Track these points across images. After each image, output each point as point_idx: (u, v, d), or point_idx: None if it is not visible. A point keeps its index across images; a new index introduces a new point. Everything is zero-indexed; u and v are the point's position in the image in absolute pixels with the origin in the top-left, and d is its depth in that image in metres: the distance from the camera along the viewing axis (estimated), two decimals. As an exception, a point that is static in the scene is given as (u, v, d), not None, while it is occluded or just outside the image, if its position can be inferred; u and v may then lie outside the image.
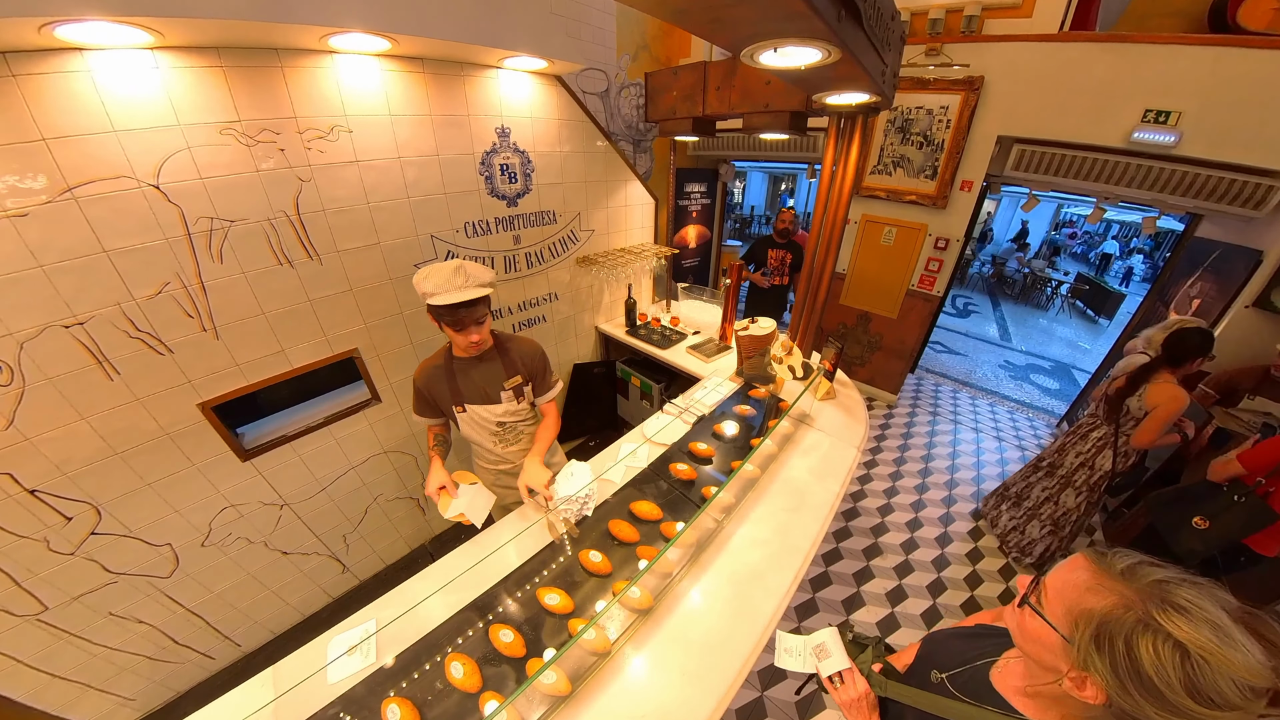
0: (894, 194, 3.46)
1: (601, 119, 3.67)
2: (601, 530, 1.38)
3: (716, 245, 5.83)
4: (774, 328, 2.31)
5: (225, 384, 1.64)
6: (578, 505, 1.38)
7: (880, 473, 3.34)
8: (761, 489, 1.62)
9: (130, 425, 1.49)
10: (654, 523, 1.40)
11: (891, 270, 3.70)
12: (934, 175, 3.25)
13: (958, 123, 3.04)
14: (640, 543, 1.33)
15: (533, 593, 1.18)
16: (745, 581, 1.29)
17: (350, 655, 1.10)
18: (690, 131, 2.50)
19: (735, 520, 1.49)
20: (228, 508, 1.80)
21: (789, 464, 1.76)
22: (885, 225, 3.62)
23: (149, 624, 1.74)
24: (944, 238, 3.38)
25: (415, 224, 1.97)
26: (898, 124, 3.28)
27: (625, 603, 1.14)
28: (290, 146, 1.53)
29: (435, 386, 1.52)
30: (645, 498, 1.49)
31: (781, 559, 1.35)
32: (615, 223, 2.93)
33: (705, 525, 1.43)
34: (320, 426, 1.95)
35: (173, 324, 1.47)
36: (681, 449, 1.77)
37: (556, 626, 1.12)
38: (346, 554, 2.29)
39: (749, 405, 2.09)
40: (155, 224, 1.36)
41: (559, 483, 1.41)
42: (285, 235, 1.62)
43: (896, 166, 3.39)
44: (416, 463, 2.40)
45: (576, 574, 1.26)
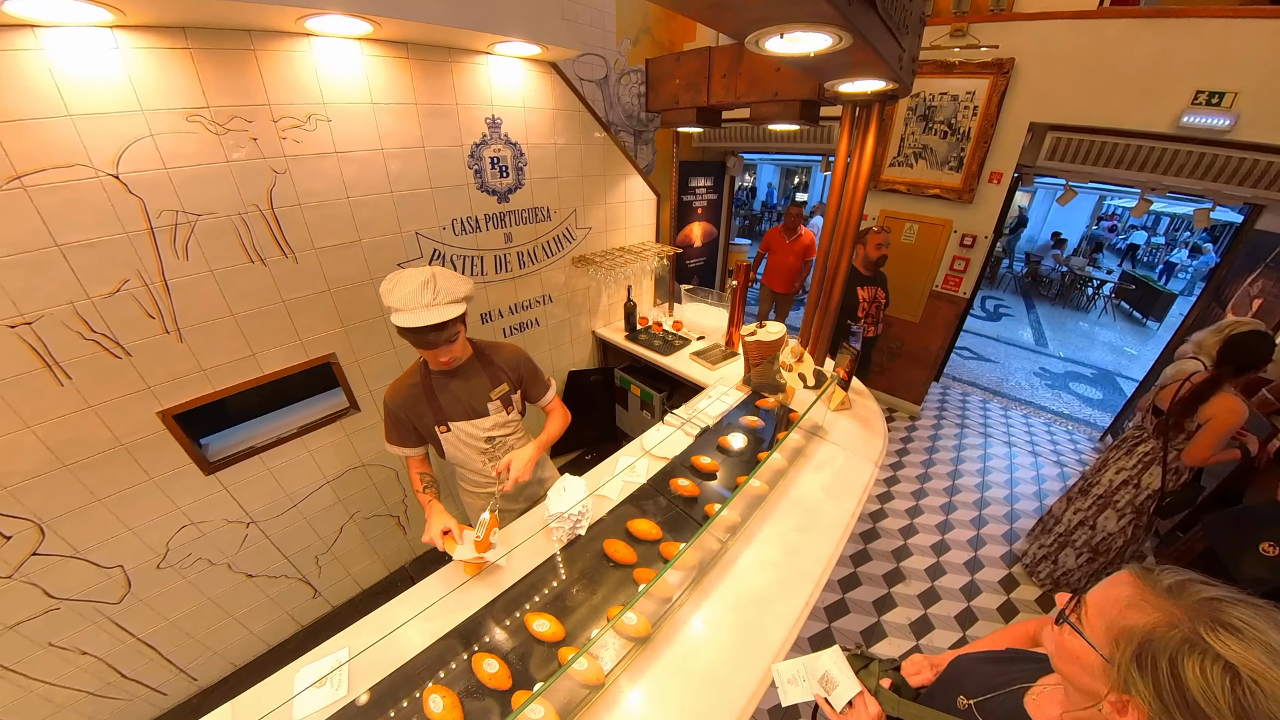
0: (915, 188, 3.48)
1: (600, 108, 3.71)
2: (596, 551, 1.37)
3: (723, 244, 5.86)
4: (783, 332, 2.31)
5: (189, 390, 1.64)
6: (570, 523, 1.37)
7: (902, 490, 3.31)
8: (770, 507, 1.61)
9: (81, 435, 1.48)
10: (653, 543, 1.39)
11: (913, 270, 3.70)
12: (959, 167, 3.26)
13: (986, 109, 3.04)
14: (638, 564, 1.32)
15: (521, 619, 1.16)
16: (752, 608, 1.27)
17: (319, 687, 1.09)
18: (694, 122, 2.53)
19: (741, 541, 1.48)
20: (188, 526, 1.79)
21: (800, 480, 1.75)
22: (906, 221, 3.63)
23: (94, 655, 1.71)
24: (971, 235, 3.38)
25: (399, 220, 1.98)
26: (919, 112, 3.29)
27: (621, 630, 1.13)
28: (263, 136, 1.55)
29: (413, 407, 1.46)
30: (644, 516, 1.48)
31: (791, 584, 1.34)
32: (614, 220, 2.95)
33: (708, 546, 1.42)
34: (293, 437, 1.95)
35: (132, 325, 1.47)
36: (684, 463, 1.76)
37: (546, 656, 1.10)
38: (318, 577, 2.27)
39: (757, 416, 2.08)
40: (114, 216, 1.36)
41: (550, 498, 1.40)
42: (258, 231, 1.63)
43: (918, 158, 3.40)
44: (398, 476, 2.40)
45: (569, 598, 1.25)
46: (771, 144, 4.39)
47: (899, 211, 3.65)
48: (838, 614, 2.44)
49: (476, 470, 1.64)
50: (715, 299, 3.58)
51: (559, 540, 1.40)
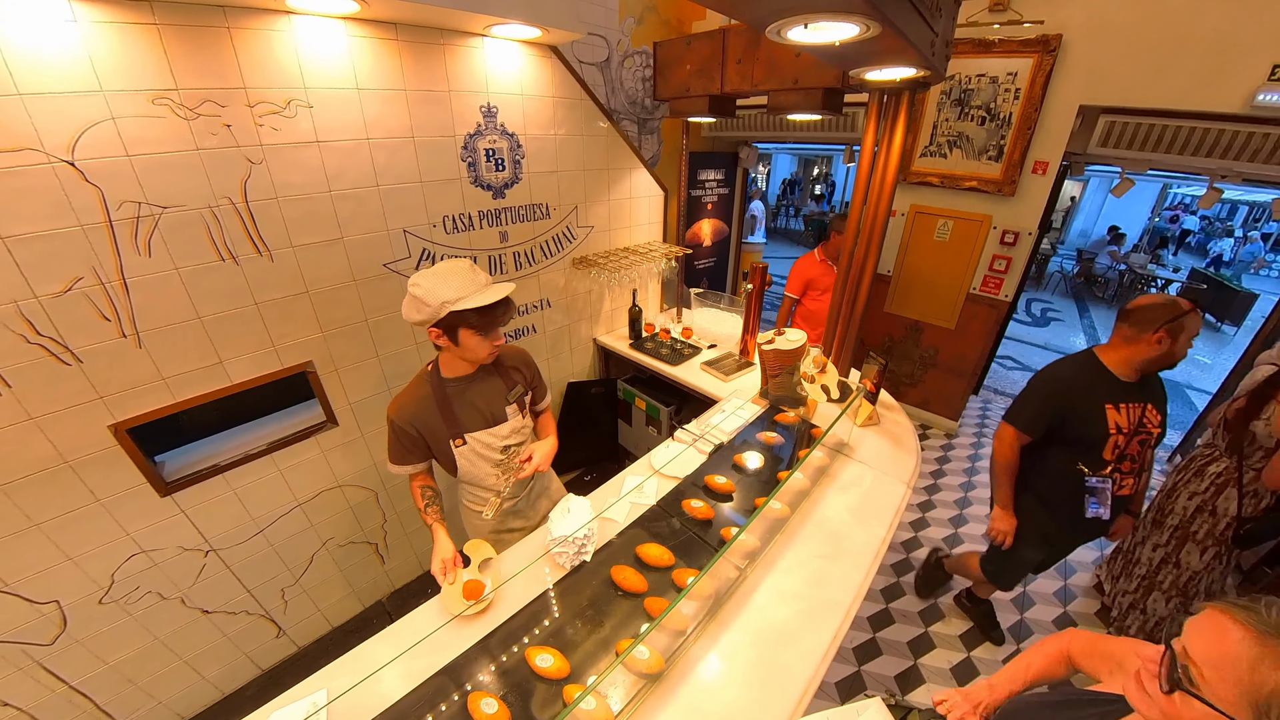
0: (950, 180, 3.51)
1: (601, 94, 3.77)
2: (603, 578, 1.38)
3: (735, 243, 5.91)
4: (804, 340, 2.32)
5: (146, 401, 1.66)
6: (575, 547, 1.37)
7: (938, 517, 3.30)
8: (791, 531, 1.62)
9: (19, 450, 1.47)
10: (665, 569, 1.40)
11: (947, 271, 3.73)
12: (999, 156, 3.29)
13: (1029, 92, 3.07)
14: (649, 593, 1.33)
15: (521, 654, 1.17)
16: (774, 643, 1.27)
17: None
18: (706, 112, 2.57)
19: (761, 568, 1.48)
20: (138, 554, 1.78)
21: (824, 502, 1.76)
22: (939, 217, 3.66)
23: (15, 707, 1.67)
24: (1012, 231, 3.40)
25: (385, 217, 2.02)
26: (954, 96, 3.34)
27: (632, 666, 1.13)
28: (238, 122, 1.58)
29: (426, 421, 1.49)
30: (654, 540, 1.48)
31: (817, 616, 1.34)
32: (618, 218, 2.99)
33: (725, 574, 1.42)
34: (261, 454, 1.96)
35: (84, 327, 1.49)
36: (696, 483, 1.76)
37: (550, 695, 1.11)
38: (284, 613, 2.26)
39: (776, 432, 2.09)
40: (68, 207, 1.38)
41: (553, 520, 1.41)
42: (230, 226, 1.66)
43: (953, 147, 3.44)
44: (377, 499, 2.41)
45: (574, 630, 1.25)
46: (789, 133, 4.45)
47: (931, 206, 3.69)
48: (868, 656, 2.42)
49: (488, 486, 1.63)
50: (728, 304, 3.60)
51: (563, 566, 1.40)
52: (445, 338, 1.38)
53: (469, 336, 1.38)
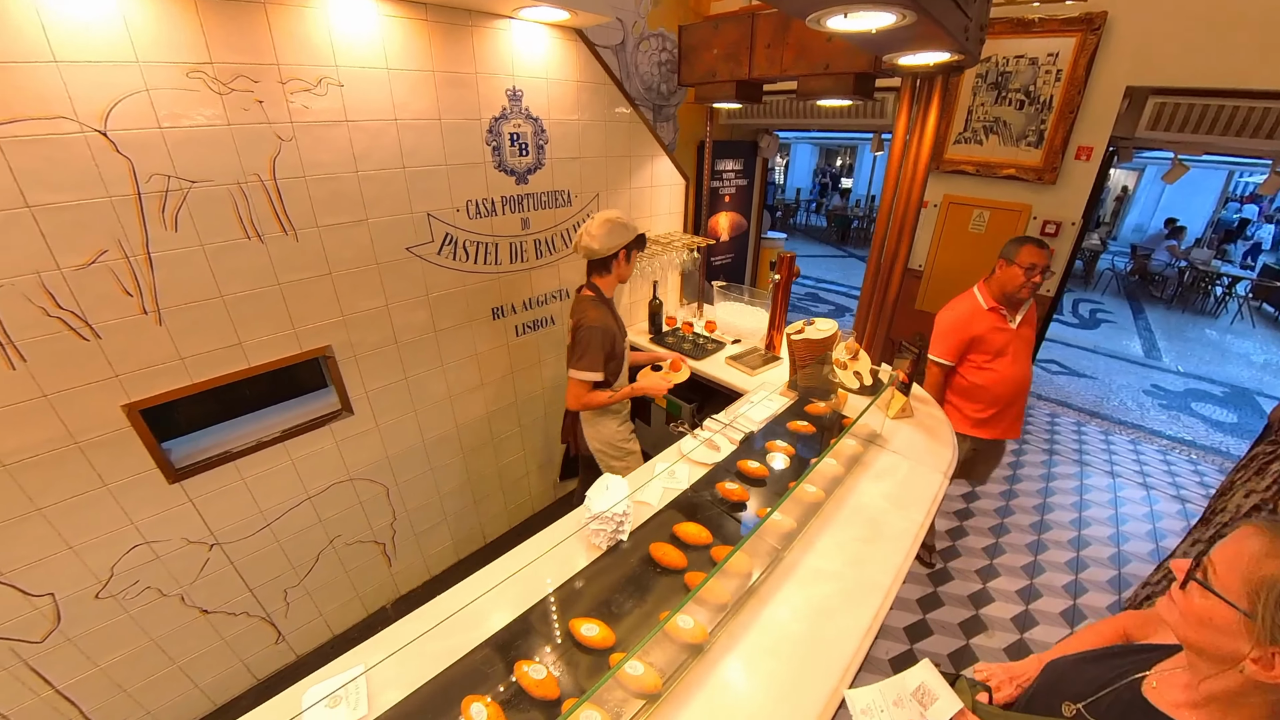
0: (985, 168, 3.63)
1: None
2: (642, 555, 1.49)
3: (754, 238, 6.03)
4: (835, 329, 2.43)
5: (162, 382, 1.77)
6: (613, 525, 1.48)
7: (978, 526, 3.37)
8: (827, 516, 1.73)
9: (28, 429, 1.56)
10: (703, 547, 1.50)
11: (984, 264, 3.75)
12: (1039, 142, 3.39)
13: (1071, 73, 3.16)
14: (688, 569, 1.44)
15: (565, 625, 1.27)
16: (815, 619, 1.37)
17: (332, 706, 1.17)
18: (733, 97, 2.71)
19: (799, 550, 1.59)
20: (141, 545, 1.88)
21: (859, 489, 1.87)
22: (974, 208, 3.77)
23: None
24: (1054, 221, 3.49)
25: (410, 199, 2.16)
26: (990, 79, 3.46)
27: (676, 635, 1.23)
28: (270, 98, 1.72)
29: (611, 325, 2.16)
30: (690, 520, 1.59)
31: (857, 595, 1.44)
32: (639, 207, 3.14)
33: (763, 551, 1.52)
34: (275, 442, 2.08)
35: (105, 302, 1.60)
36: (728, 468, 1.87)
37: (596, 664, 1.21)
38: (285, 616, 2.36)
39: (807, 422, 2.19)
40: (97, 178, 1.51)
41: (591, 498, 1.52)
42: (257, 203, 1.79)
43: (989, 133, 3.56)
44: (388, 495, 2.52)
45: (615, 604, 1.36)
46: (813, 120, 4.58)
47: (965, 196, 3.79)
48: (919, 635, 2.59)
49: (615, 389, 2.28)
50: (750, 297, 3.72)
51: (600, 545, 1.51)
52: (626, 258, 2.14)
53: (635, 258, 2.20)
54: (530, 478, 3.29)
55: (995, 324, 2.45)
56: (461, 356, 2.60)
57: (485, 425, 2.86)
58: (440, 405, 2.60)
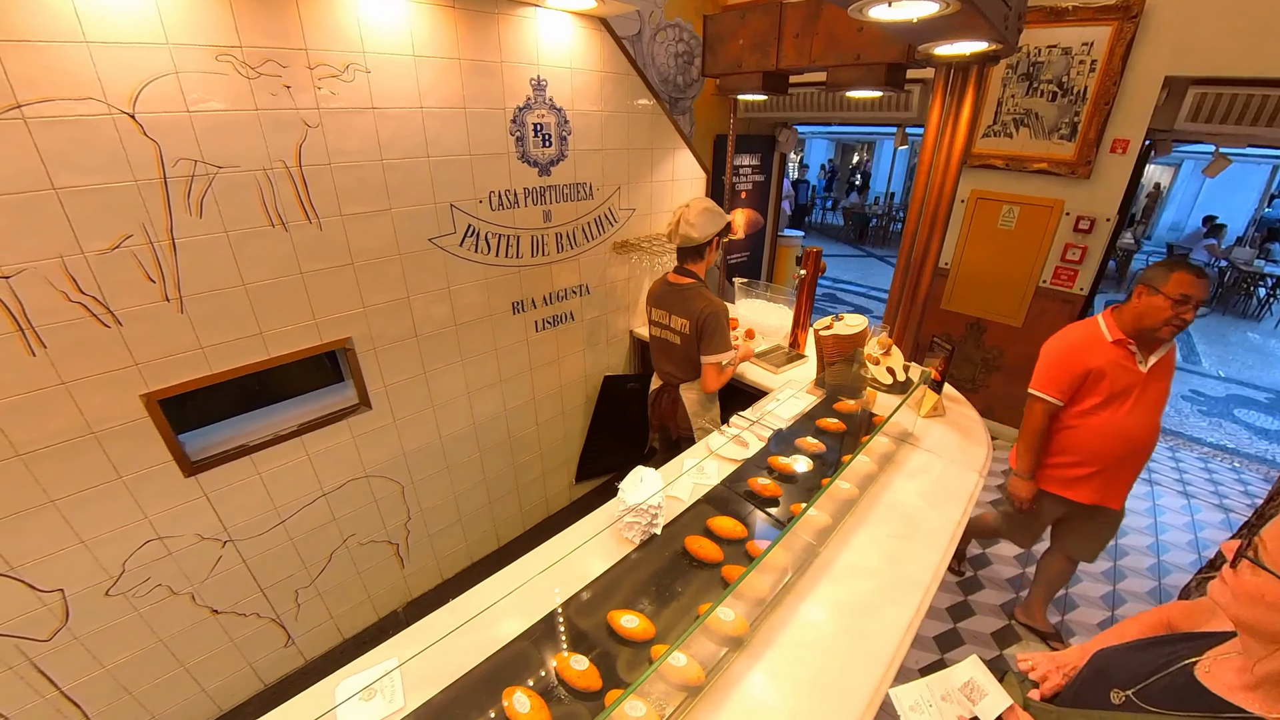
0: (1015, 162, 3.67)
1: (632, 70, 4.03)
2: (676, 549, 1.53)
3: (771, 236, 6.08)
4: (865, 325, 2.47)
5: (182, 372, 1.82)
6: (647, 518, 1.52)
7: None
8: (862, 513, 1.77)
9: (45, 417, 1.60)
10: (738, 542, 1.53)
11: (1013, 262, 3.86)
12: (1072, 135, 3.43)
13: (1107, 63, 3.18)
14: (724, 562, 1.47)
15: (603, 618, 1.31)
16: (855, 614, 1.41)
17: (367, 700, 1.20)
18: (759, 89, 2.75)
19: (835, 546, 1.63)
20: (153, 541, 1.92)
21: (893, 487, 1.92)
22: (1004, 203, 3.81)
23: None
24: (1087, 216, 3.52)
25: (434, 189, 2.22)
26: (1021, 70, 3.50)
27: (717, 628, 1.26)
28: (297, 84, 1.78)
29: None
30: (723, 515, 1.62)
31: (897, 591, 1.48)
32: (660, 201, 3.19)
33: (799, 547, 1.56)
34: (292, 436, 2.13)
35: (128, 288, 1.65)
36: (759, 464, 1.90)
37: (636, 656, 1.24)
38: (295, 618, 2.40)
39: (836, 419, 2.22)
40: (124, 161, 1.55)
41: (625, 490, 1.56)
42: (282, 190, 1.85)
43: (1019, 125, 3.60)
44: (404, 493, 2.56)
45: (653, 596, 1.40)
46: (835, 113, 4.60)
47: (994, 191, 3.83)
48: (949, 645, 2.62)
49: None
50: (772, 294, 3.75)
51: (633, 539, 1.55)
52: (715, 245, 2.39)
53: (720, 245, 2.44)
54: (546, 479, 3.33)
55: (1120, 360, 2.01)
56: (480, 352, 2.65)
57: (502, 423, 2.90)
58: (458, 401, 2.65)
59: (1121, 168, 3.37)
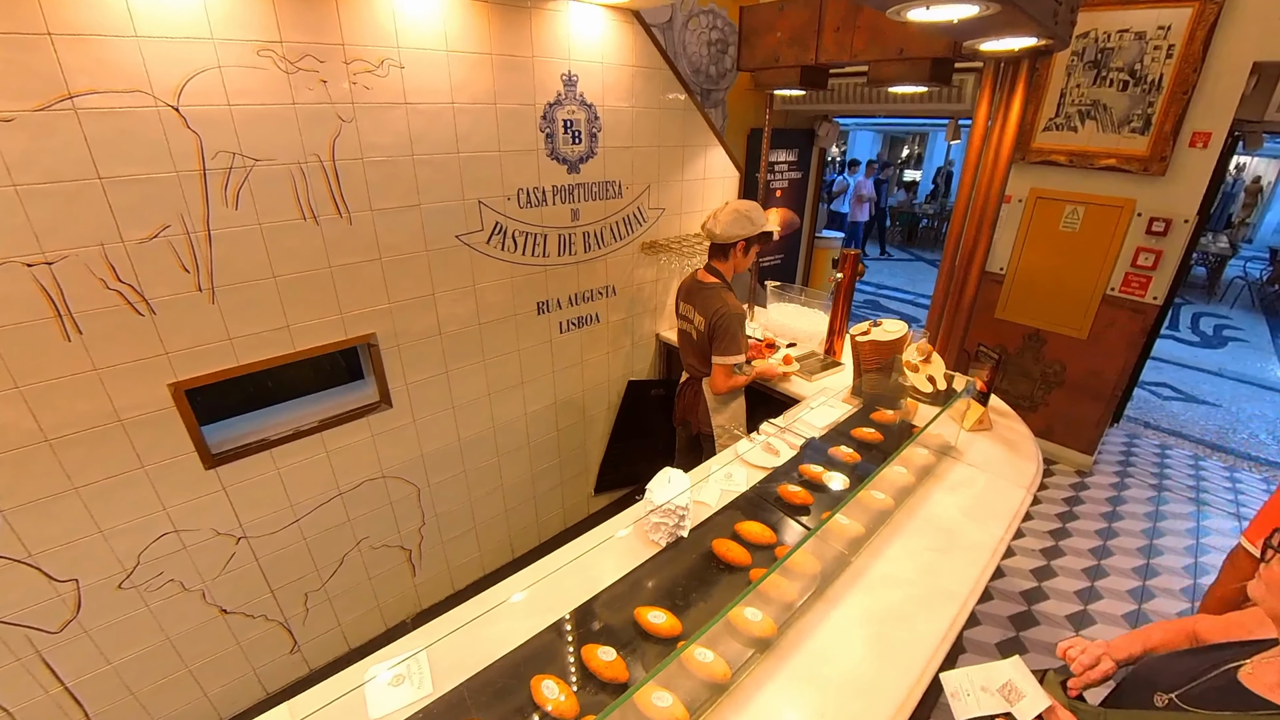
0: (1081, 158, 3.70)
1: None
2: (704, 551, 1.66)
3: (807, 238, 6.17)
4: (905, 330, 2.57)
5: (210, 362, 2.02)
6: (674, 519, 1.65)
7: (1068, 567, 3.40)
8: (897, 525, 1.88)
9: (76, 403, 1.77)
10: (767, 547, 1.66)
11: (1077, 268, 3.89)
12: (1145, 127, 3.44)
13: (1186, 49, 3.18)
14: (752, 566, 1.59)
15: (630, 614, 1.44)
16: (886, 622, 1.52)
17: (395, 686, 1.34)
18: (797, 84, 2.88)
19: (868, 556, 1.74)
20: (170, 533, 2.10)
21: (932, 500, 2.02)
22: (1067, 203, 3.85)
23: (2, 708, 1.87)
24: (1162, 218, 3.52)
25: (463, 185, 2.41)
26: (1088, 57, 3.52)
27: (744, 628, 1.38)
28: (333, 78, 1.98)
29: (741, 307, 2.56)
30: (751, 520, 1.75)
31: (931, 602, 1.58)
32: (691, 200, 3.36)
33: (830, 554, 1.67)
34: (312, 432, 2.32)
35: (163, 277, 1.85)
36: (789, 472, 2.02)
37: (663, 652, 1.36)
38: (303, 623, 2.58)
39: (873, 429, 2.32)
40: (167, 153, 1.76)
41: (653, 490, 1.70)
42: (315, 184, 2.05)
43: (1085, 118, 3.63)
44: (419, 497, 2.74)
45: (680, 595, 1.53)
46: (881, 105, 4.68)
47: (1056, 190, 3.87)
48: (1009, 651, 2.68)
49: None
50: (806, 298, 3.86)
51: (659, 541, 1.68)
52: (744, 250, 2.53)
53: (754, 252, 2.59)
54: (564, 488, 3.48)
55: None
56: (503, 352, 2.83)
57: (522, 427, 3.07)
58: (478, 403, 2.82)
59: (1202, 164, 3.34)
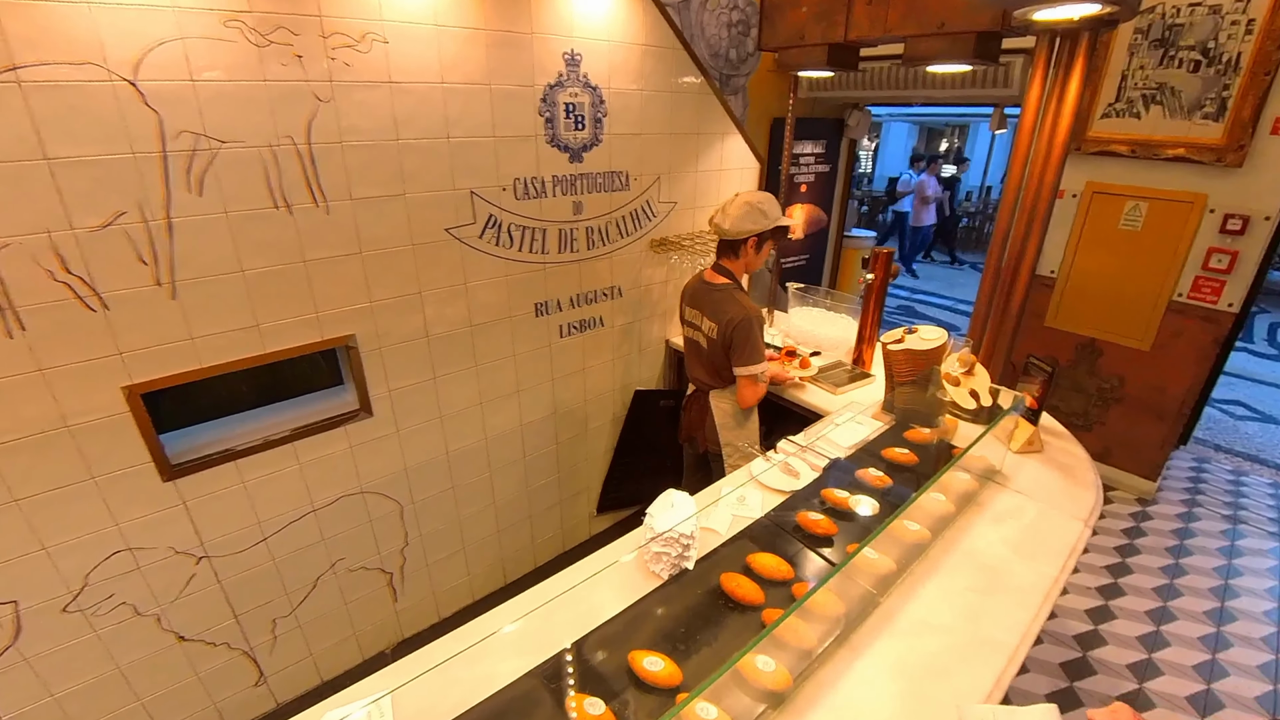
0: (1144, 147, 3.60)
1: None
2: (710, 587, 1.57)
3: (835, 237, 6.07)
4: (945, 338, 2.47)
5: (169, 364, 1.96)
6: (678, 549, 1.57)
7: (1127, 608, 3.27)
8: (934, 560, 1.78)
9: (18, 406, 1.72)
10: (782, 583, 1.57)
11: (1139, 270, 3.79)
12: (1220, 113, 3.34)
13: (1269, 23, 3.09)
14: (766, 605, 1.50)
15: (624, 658, 1.35)
16: (920, 678, 1.41)
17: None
18: (824, 64, 2.81)
19: (899, 597, 1.64)
20: (122, 552, 2.04)
21: (973, 532, 1.92)
22: (1128, 198, 3.75)
23: None
24: (1239, 215, 3.43)
25: (453, 174, 2.36)
26: (1154, 35, 3.44)
27: (755, 679, 1.29)
28: (310, 53, 1.93)
29: None
30: (766, 551, 1.66)
31: (972, 654, 1.48)
32: (705, 194, 3.30)
33: (855, 594, 1.58)
34: (283, 441, 2.26)
35: (118, 270, 1.79)
36: (810, 497, 1.93)
37: (661, 704, 1.28)
38: (270, 652, 2.51)
39: (907, 449, 2.22)
40: (123, 132, 1.70)
41: (653, 515, 1.62)
42: (289, 170, 1.99)
43: (1150, 103, 3.54)
44: (402, 515, 2.68)
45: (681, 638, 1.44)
46: (917, 91, 4.57)
47: (1115, 184, 3.78)
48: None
49: None
50: (832, 301, 3.77)
51: (661, 573, 1.60)
52: (756, 246, 2.46)
53: (768, 249, 2.52)
54: (563, 507, 3.41)
55: None
56: (497, 357, 2.77)
57: (517, 439, 3.01)
58: (469, 413, 2.77)
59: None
